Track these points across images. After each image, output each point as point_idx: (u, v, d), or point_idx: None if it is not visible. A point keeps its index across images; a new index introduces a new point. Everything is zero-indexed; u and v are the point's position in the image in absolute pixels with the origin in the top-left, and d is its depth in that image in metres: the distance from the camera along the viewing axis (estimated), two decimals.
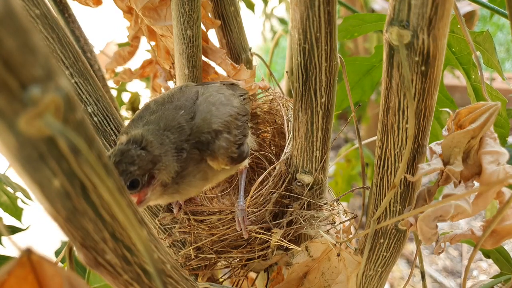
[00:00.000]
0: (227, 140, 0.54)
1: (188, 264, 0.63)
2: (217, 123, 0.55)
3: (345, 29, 0.72)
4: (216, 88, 0.62)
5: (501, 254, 0.62)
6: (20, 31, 0.20)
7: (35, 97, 0.21)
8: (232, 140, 0.55)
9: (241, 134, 0.58)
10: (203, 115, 0.55)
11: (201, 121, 0.54)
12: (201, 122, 0.54)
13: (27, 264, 0.27)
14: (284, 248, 0.62)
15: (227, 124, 0.56)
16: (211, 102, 0.57)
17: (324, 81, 0.51)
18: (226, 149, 0.54)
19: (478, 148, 0.41)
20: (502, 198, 0.40)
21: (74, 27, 0.74)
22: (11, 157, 0.23)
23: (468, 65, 0.65)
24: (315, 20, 0.46)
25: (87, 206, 0.27)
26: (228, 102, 0.59)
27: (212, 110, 0.56)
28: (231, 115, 0.57)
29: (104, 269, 0.31)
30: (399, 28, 0.38)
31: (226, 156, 0.54)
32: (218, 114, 0.56)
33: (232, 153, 0.55)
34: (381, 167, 0.49)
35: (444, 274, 1.73)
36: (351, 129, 2.51)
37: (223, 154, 0.54)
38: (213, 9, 0.73)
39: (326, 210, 0.61)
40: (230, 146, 0.55)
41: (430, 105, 0.43)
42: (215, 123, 0.55)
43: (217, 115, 0.56)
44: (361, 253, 0.57)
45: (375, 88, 0.78)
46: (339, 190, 1.52)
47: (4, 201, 0.79)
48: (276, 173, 0.61)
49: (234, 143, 0.56)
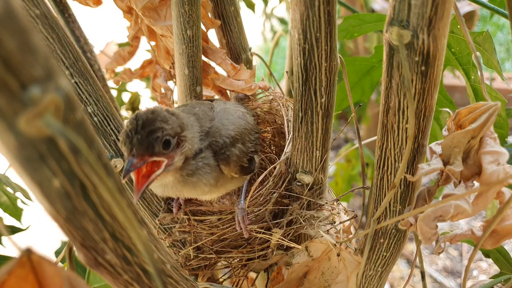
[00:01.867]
0: (241, 150, 0.57)
1: (188, 264, 0.63)
2: (234, 130, 0.57)
3: (345, 29, 0.73)
4: (233, 104, 0.66)
5: (501, 254, 0.62)
6: (20, 31, 0.20)
7: (35, 97, 0.21)
8: (245, 151, 0.58)
9: (253, 148, 0.60)
10: (222, 121, 0.58)
11: (220, 125, 0.57)
12: (220, 125, 0.56)
13: (27, 264, 0.27)
14: (284, 248, 0.62)
15: (242, 135, 0.58)
16: (229, 113, 0.61)
17: (324, 81, 0.51)
18: (239, 157, 0.56)
19: (478, 148, 0.41)
20: (502, 198, 0.40)
21: (74, 27, 0.74)
22: (11, 157, 0.23)
23: (468, 65, 0.65)
24: (315, 20, 0.46)
25: (87, 206, 0.27)
26: (244, 117, 0.62)
27: (230, 119, 0.59)
28: (246, 128, 0.60)
29: (104, 269, 0.31)
30: (399, 28, 0.38)
31: (238, 164, 0.56)
32: (235, 122, 0.59)
33: (243, 163, 0.57)
34: (381, 167, 0.49)
35: (444, 274, 1.73)
36: (351, 129, 2.51)
37: (235, 162, 0.55)
38: (213, 9, 0.73)
39: (326, 210, 0.61)
40: (243, 156, 0.57)
41: (430, 105, 0.43)
42: (233, 130, 0.57)
43: (234, 123, 0.59)
44: (361, 253, 0.57)
45: (375, 88, 0.78)
46: (339, 190, 1.52)
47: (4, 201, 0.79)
48: (276, 173, 0.61)
49: (246, 154, 0.58)
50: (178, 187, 0.53)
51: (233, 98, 0.83)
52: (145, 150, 0.45)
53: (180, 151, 0.49)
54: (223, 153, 0.54)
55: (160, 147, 0.46)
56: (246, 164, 0.58)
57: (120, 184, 0.28)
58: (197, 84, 0.69)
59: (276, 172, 0.61)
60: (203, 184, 0.54)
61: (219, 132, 0.56)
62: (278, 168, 0.61)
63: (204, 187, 0.55)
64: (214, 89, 0.79)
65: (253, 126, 0.63)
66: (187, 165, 0.52)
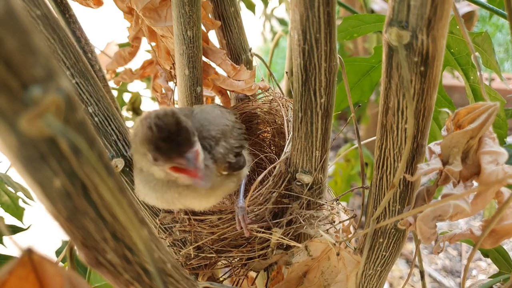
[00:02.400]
0: (224, 147, 0.56)
1: (189, 263, 0.63)
2: (215, 130, 0.57)
3: (344, 29, 0.73)
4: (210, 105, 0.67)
5: (500, 254, 0.62)
6: (21, 32, 0.20)
7: (36, 97, 0.21)
8: (229, 148, 0.57)
9: (238, 143, 0.60)
10: (202, 122, 0.57)
11: (200, 126, 0.56)
12: (200, 127, 0.56)
13: (28, 263, 0.27)
14: (284, 248, 0.62)
15: (223, 133, 0.58)
16: (207, 112, 0.61)
17: (324, 82, 0.51)
18: (224, 154, 0.55)
19: (477, 148, 0.41)
20: (501, 198, 0.40)
21: (75, 28, 0.74)
22: (13, 157, 0.23)
23: (467, 66, 0.65)
24: (314, 21, 0.46)
25: (88, 205, 0.27)
26: (223, 116, 0.62)
27: (209, 119, 0.59)
28: (226, 125, 0.60)
29: (105, 268, 0.31)
30: (398, 29, 0.39)
31: (224, 161, 0.55)
32: (214, 122, 0.59)
33: (230, 159, 0.56)
34: (380, 167, 0.49)
35: (444, 273, 1.73)
36: (350, 129, 2.51)
37: (221, 159, 0.55)
38: (213, 10, 0.73)
39: (325, 209, 0.61)
40: (228, 152, 0.56)
41: (429, 105, 0.43)
42: (213, 130, 0.57)
43: (214, 123, 0.58)
44: (361, 253, 0.57)
45: (375, 88, 0.78)
46: (339, 189, 1.52)
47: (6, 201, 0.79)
48: (276, 172, 0.61)
49: (231, 150, 0.57)
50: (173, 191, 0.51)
51: (233, 99, 0.83)
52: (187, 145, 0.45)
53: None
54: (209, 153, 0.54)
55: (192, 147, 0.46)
56: (233, 160, 0.57)
57: (121, 184, 0.29)
58: (198, 84, 0.69)
59: (276, 172, 0.61)
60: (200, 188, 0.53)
61: (201, 134, 0.55)
62: (278, 168, 0.61)
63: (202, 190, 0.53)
64: (214, 89, 0.79)
65: (234, 123, 0.63)
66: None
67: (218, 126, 0.58)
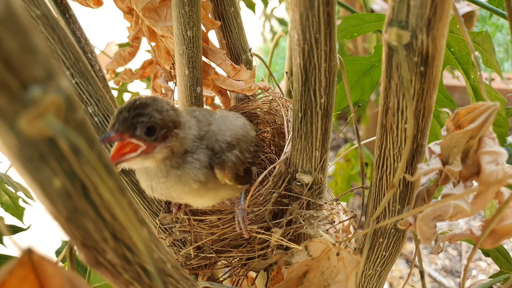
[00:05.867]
0: (237, 157, 0.55)
1: (189, 263, 0.63)
2: (231, 136, 0.56)
3: (344, 29, 0.73)
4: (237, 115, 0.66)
5: (500, 253, 0.62)
6: (21, 32, 0.20)
7: (36, 97, 0.21)
8: (242, 159, 0.56)
9: (251, 159, 0.59)
10: (219, 126, 0.57)
11: (217, 129, 0.56)
12: (217, 130, 0.56)
13: (28, 263, 0.27)
14: (283, 248, 0.62)
15: (239, 143, 0.57)
16: (228, 119, 0.61)
17: (324, 82, 0.51)
18: (235, 164, 0.55)
19: (477, 148, 0.41)
20: (501, 198, 0.40)
21: (75, 28, 0.74)
22: (12, 157, 0.23)
23: (467, 65, 0.65)
24: (314, 21, 0.46)
25: (88, 206, 0.27)
26: (244, 127, 0.61)
27: (227, 124, 0.59)
28: (244, 136, 0.59)
29: (104, 268, 0.31)
30: (398, 29, 0.39)
31: (233, 171, 0.54)
32: (233, 129, 0.58)
33: (239, 171, 0.56)
34: (380, 167, 0.49)
35: (443, 273, 1.73)
36: (350, 129, 2.51)
37: (230, 168, 0.54)
38: (213, 10, 0.73)
39: (325, 209, 0.61)
40: (239, 163, 0.56)
41: (429, 105, 0.43)
42: (229, 136, 0.56)
43: (232, 130, 0.58)
44: (361, 253, 0.57)
45: (375, 88, 0.78)
46: (339, 190, 1.52)
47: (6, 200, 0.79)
48: (275, 173, 0.61)
49: (243, 163, 0.57)
50: (162, 179, 0.51)
51: (233, 99, 0.83)
52: (126, 129, 0.45)
53: (165, 144, 0.48)
54: (219, 157, 0.53)
55: (142, 132, 0.46)
56: (241, 173, 0.56)
57: (121, 184, 0.29)
58: (197, 84, 0.69)
59: (276, 172, 0.61)
60: (190, 179, 0.51)
61: (215, 137, 0.55)
62: (277, 168, 0.61)
63: (192, 184, 0.52)
64: (214, 89, 0.79)
65: (253, 139, 0.62)
66: (174, 158, 0.51)
67: (236, 134, 0.58)
